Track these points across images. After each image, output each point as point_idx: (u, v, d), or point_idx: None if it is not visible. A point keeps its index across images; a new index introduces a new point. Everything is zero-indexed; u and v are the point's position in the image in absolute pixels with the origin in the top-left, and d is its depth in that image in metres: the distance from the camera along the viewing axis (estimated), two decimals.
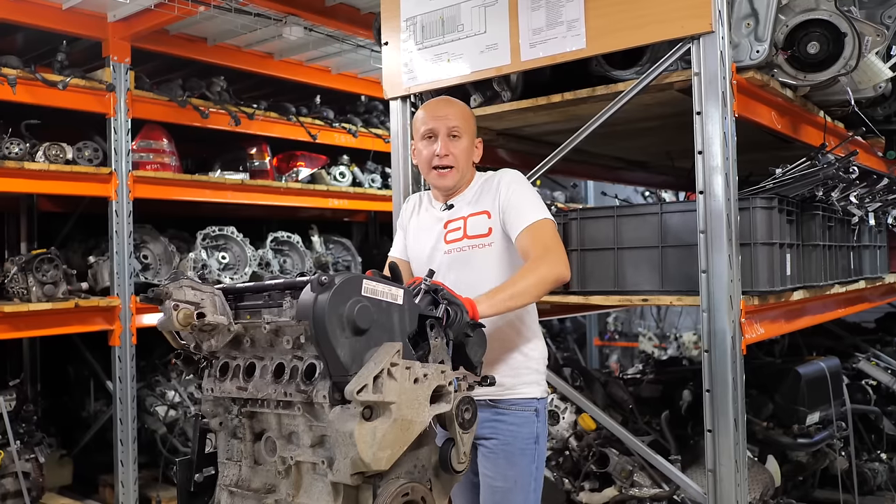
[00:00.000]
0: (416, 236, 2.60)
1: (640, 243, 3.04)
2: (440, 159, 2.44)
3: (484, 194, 2.47)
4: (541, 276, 2.21)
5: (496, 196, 2.41)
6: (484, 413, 2.36)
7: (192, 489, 2.02)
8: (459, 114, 2.50)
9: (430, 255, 2.49)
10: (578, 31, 2.83)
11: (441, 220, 2.52)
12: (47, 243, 4.59)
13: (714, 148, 2.62)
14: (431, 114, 2.49)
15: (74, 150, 4.40)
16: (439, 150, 2.44)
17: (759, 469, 3.40)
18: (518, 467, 2.37)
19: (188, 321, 1.80)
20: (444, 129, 2.45)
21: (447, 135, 2.45)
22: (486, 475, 2.40)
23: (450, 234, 2.47)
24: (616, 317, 8.79)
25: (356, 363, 1.71)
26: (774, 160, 3.39)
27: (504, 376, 2.36)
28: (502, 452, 2.37)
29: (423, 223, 2.60)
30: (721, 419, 2.59)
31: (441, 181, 2.48)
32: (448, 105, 2.53)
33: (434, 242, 2.50)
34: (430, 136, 2.47)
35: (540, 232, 2.32)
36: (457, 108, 2.52)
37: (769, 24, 2.75)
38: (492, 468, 2.39)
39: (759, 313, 2.87)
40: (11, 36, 4.68)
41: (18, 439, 4.27)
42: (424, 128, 2.48)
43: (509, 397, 2.40)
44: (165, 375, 5.18)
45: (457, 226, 2.47)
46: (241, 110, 5.15)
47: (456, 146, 2.45)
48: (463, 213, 2.47)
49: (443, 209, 2.54)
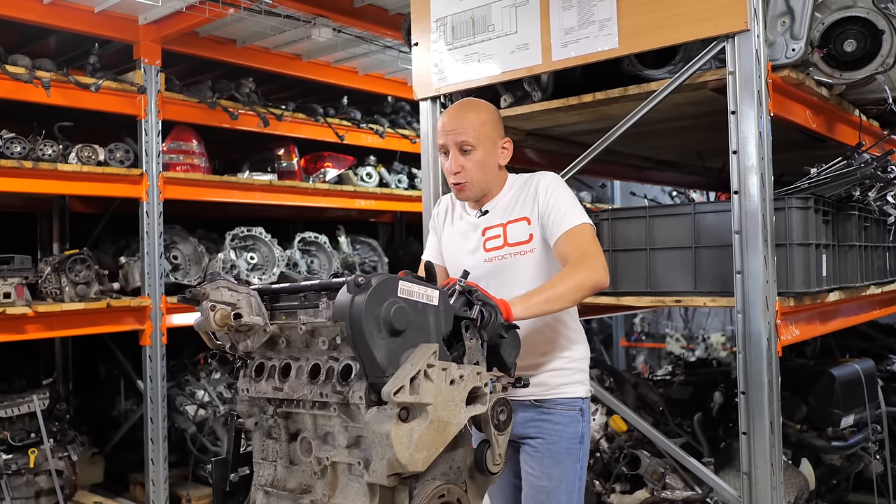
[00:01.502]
0: (452, 242, 2.56)
1: (673, 244, 3.01)
2: (453, 176, 2.41)
3: (521, 200, 2.41)
4: (578, 281, 2.18)
5: (534, 201, 2.37)
6: (528, 413, 2.38)
7: (228, 489, 2.03)
8: (472, 124, 2.38)
9: (469, 263, 2.39)
10: (611, 30, 2.81)
11: (478, 227, 2.47)
12: (79, 244, 4.64)
13: (749, 147, 2.59)
14: (443, 127, 2.42)
15: (106, 151, 4.45)
16: (451, 166, 2.40)
17: (793, 472, 3.36)
18: (563, 466, 2.36)
19: (225, 322, 1.81)
20: (454, 144, 2.39)
21: (458, 150, 2.38)
22: (531, 474, 2.39)
23: (489, 242, 2.43)
24: (643, 317, 8.73)
25: (392, 364, 1.70)
26: (806, 160, 3.35)
27: (549, 376, 2.37)
28: (547, 452, 2.36)
29: (458, 229, 2.55)
30: (756, 422, 2.56)
31: (460, 195, 2.48)
32: (460, 116, 2.41)
33: (473, 250, 2.45)
34: (444, 151, 2.43)
35: (579, 237, 2.27)
36: (470, 116, 2.40)
37: (805, 22, 2.72)
38: (537, 467, 2.38)
39: (794, 314, 2.83)
40: (45, 39, 4.74)
41: (52, 438, 4.33)
42: (439, 142, 2.44)
43: (554, 397, 2.39)
44: (195, 375, 5.23)
45: (496, 233, 2.42)
46: (269, 111, 5.18)
47: (468, 160, 2.38)
48: (501, 220, 2.42)
49: (478, 215, 2.49)
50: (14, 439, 4.21)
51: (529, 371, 2.34)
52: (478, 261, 2.42)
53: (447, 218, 2.62)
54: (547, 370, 2.39)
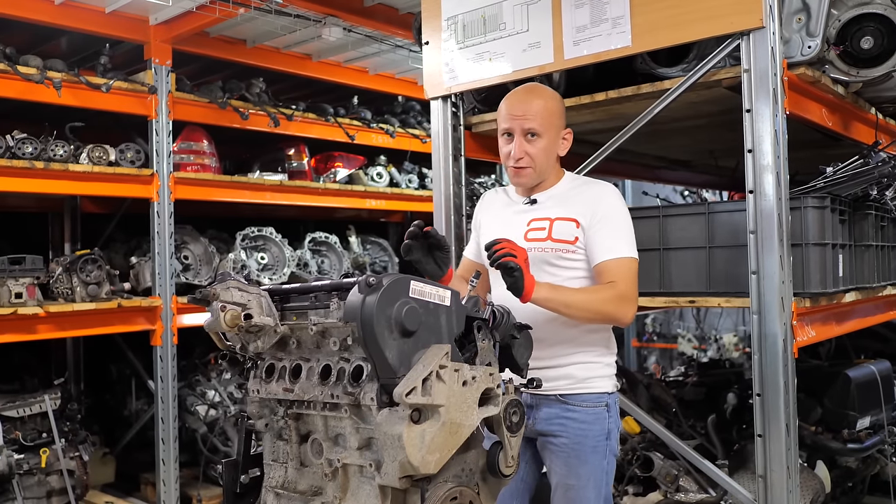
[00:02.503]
0: (491, 231, 2.49)
1: (687, 244, 2.98)
2: (515, 161, 2.39)
3: (576, 200, 2.39)
4: (603, 304, 2.24)
5: (594, 209, 2.34)
6: (553, 409, 2.36)
7: (238, 490, 2.02)
8: (539, 111, 2.38)
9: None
10: (623, 28, 2.78)
11: (524, 214, 2.45)
12: (90, 244, 4.65)
13: (764, 146, 2.56)
14: (510, 111, 2.41)
15: (117, 151, 4.45)
16: (515, 151, 2.38)
17: (808, 475, 3.32)
18: (590, 465, 2.34)
19: (235, 322, 1.80)
20: (520, 129, 2.38)
21: (523, 135, 2.38)
22: (557, 472, 2.37)
23: (532, 233, 2.41)
24: (654, 318, 8.68)
25: (404, 365, 1.68)
26: (820, 158, 3.32)
27: (576, 369, 2.36)
28: (573, 451, 2.33)
29: (503, 217, 2.51)
30: (772, 424, 2.53)
31: (517, 178, 2.45)
32: (528, 101, 2.41)
33: (511, 235, 2.35)
34: (507, 134, 2.42)
35: (626, 268, 2.29)
36: (538, 104, 2.40)
37: (821, 19, 2.68)
38: (562, 466, 2.35)
39: (809, 315, 2.80)
40: (56, 40, 4.74)
41: (63, 437, 4.34)
42: (503, 125, 2.43)
43: (580, 392, 2.36)
44: (206, 375, 5.22)
45: (541, 225, 2.39)
46: (279, 111, 5.17)
47: (533, 146, 2.38)
48: (549, 213, 2.40)
49: (525, 202, 2.47)
50: (26, 439, 4.22)
51: (556, 362, 2.34)
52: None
53: (490, 208, 2.61)
54: (575, 363, 2.37)
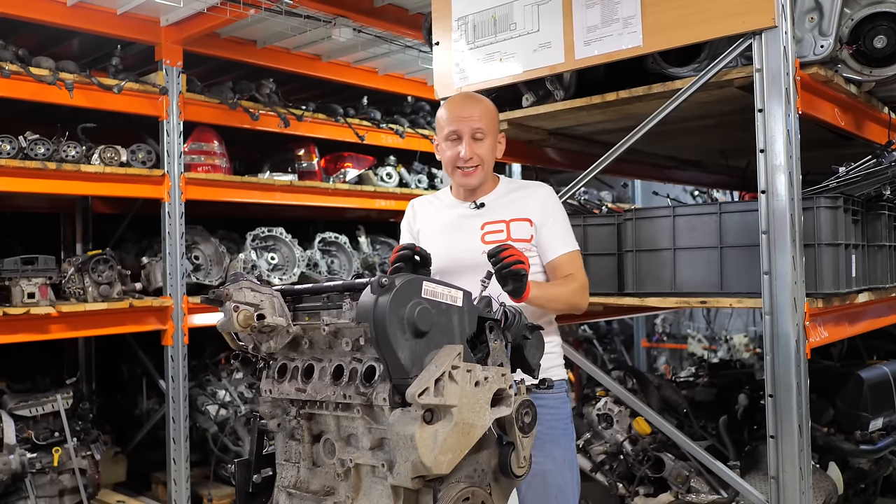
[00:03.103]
0: (436, 236, 2.56)
1: (699, 244, 2.97)
2: (465, 161, 2.47)
3: (524, 201, 2.52)
4: (573, 295, 2.46)
5: (543, 208, 2.50)
6: None
7: (251, 490, 2.02)
8: (483, 113, 2.50)
9: (461, 255, 2.47)
10: (635, 28, 2.78)
11: (473, 218, 2.53)
12: (102, 244, 4.67)
13: (777, 146, 2.55)
14: (455, 114, 2.49)
15: (128, 152, 4.47)
16: (464, 152, 2.46)
17: (821, 476, 3.30)
18: (563, 447, 2.50)
19: (248, 322, 1.80)
20: (468, 130, 2.47)
21: (471, 136, 2.47)
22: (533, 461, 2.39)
23: (490, 235, 2.50)
24: (664, 318, 8.65)
25: (417, 366, 1.69)
26: (832, 158, 3.30)
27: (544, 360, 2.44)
28: (548, 436, 2.42)
29: (445, 221, 2.56)
30: (784, 425, 2.52)
31: (466, 180, 2.51)
32: (472, 105, 2.52)
33: (467, 241, 2.50)
34: (454, 138, 2.49)
35: (579, 261, 2.53)
36: (481, 106, 2.51)
37: (834, 18, 2.67)
38: (537, 454, 2.33)
39: (822, 316, 2.78)
40: (68, 42, 4.77)
41: (75, 437, 4.36)
42: (449, 128, 2.49)
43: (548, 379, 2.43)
44: (216, 375, 5.24)
45: (498, 228, 2.50)
46: (289, 112, 5.18)
47: (480, 147, 2.48)
48: (501, 216, 2.51)
49: (473, 207, 2.55)
50: (38, 438, 4.24)
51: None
52: (474, 252, 2.45)
53: (425, 214, 2.66)
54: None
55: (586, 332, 7.92)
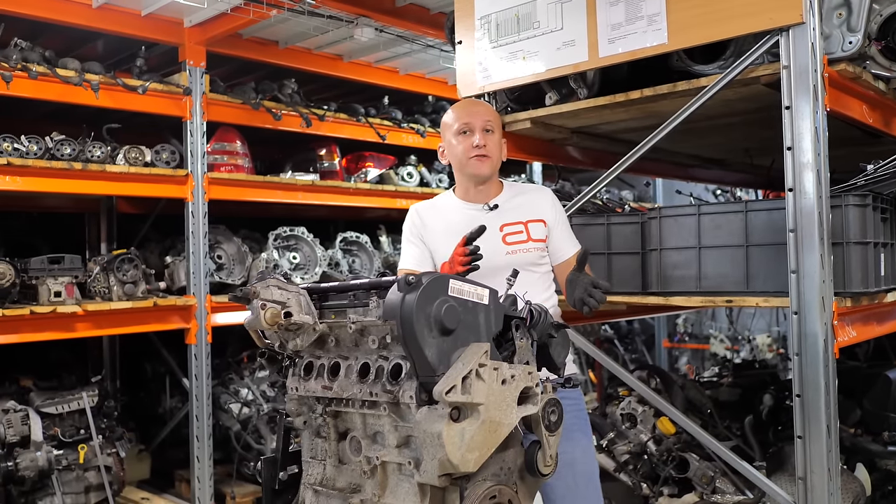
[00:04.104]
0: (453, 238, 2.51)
1: (724, 242, 2.95)
2: (478, 149, 2.56)
3: (534, 202, 2.63)
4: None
5: (553, 209, 2.63)
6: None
7: (277, 487, 2.03)
8: (491, 112, 2.68)
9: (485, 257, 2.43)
10: (659, 25, 2.76)
11: (490, 219, 2.54)
12: (126, 244, 4.72)
13: (805, 143, 2.52)
14: (466, 111, 2.64)
15: (152, 152, 4.51)
16: (478, 141, 2.56)
17: (849, 477, 3.26)
18: (588, 437, 2.60)
19: (275, 320, 1.81)
20: (480, 122, 2.58)
21: (482, 128, 2.57)
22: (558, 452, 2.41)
23: (510, 237, 2.57)
24: (686, 318, 8.60)
25: (443, 364, 1.68)
26: (859, 156, 3.26)
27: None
28: (574, 425, 2.46)
29: (459, 223, 2.54)
30: (812, 426, 2.49)
31: (479, 168, 2.57)
32: (480, 104, 2.78)
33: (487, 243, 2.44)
34: (465, 132, 2.58)
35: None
36: (488, 106, 2.76)
37: (863, 14, 2.64)
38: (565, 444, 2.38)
39: (850, 315, 2.75)
40: (93, 43, 4.82)
41: (100, 434, 4.40)
42: (459, 123, 2.60)
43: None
44: (239, 373, 5.28)
45: (517, 229, 2.58)
46: (311, 112, 5.21)
47: (490, 139, 2.58)
48: (518, 217, 2.59)
49: (486, 209, 2.60)
50: (64, 435, 4.29)
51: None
52: (495, 253, 2.50)
53: (431, 221, 2.67)
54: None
55: (607, 332, 7.89)
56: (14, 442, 4.05)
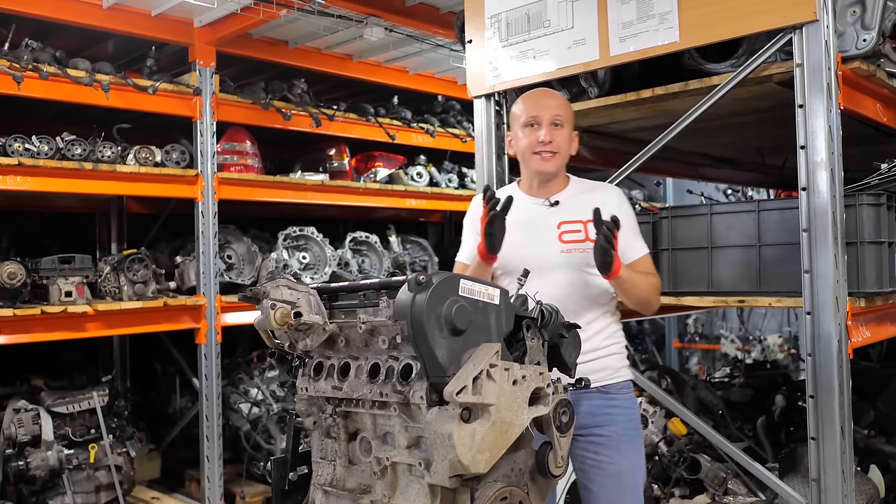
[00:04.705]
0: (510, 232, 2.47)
1: (736, 242, 2.93)
2: (543, 145, 2.49)
3: (595, 202, 2.41)
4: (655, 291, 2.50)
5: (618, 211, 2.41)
6: (595, 401, 2.46)
7: (287, 487, 2.03)
8: (561, 104, 2.57)
9: (539, 253, 2.46)
10: (671, 23, 2.74)
11: (549, 216, 2.53)
12: (136, 244, 4.73)
13: (818, 142, 2.50)
14: (534, 103, 2.55)
15: (163, 152, 4.51)
16: (543, 136, 2.49)
17: (862, 479, 3.23)
18: (638, 448, 2.52)
19: (285, 320, 1.80)
20: (548, 116, 2.50)
21: (550, 123, 2.50)
22: (606, 462, 2.45)
23: (567, 235, 2.50)
24: (696, 318, 8.56)
25: (454, 364, 1.67)
26: (872, 155, 3.22)
27: (613, 360, 2.51)
28: (625, 437, 2.48)
29: (518, 218, 2.49)
30: (826, 427, 2.47)
31: (544, 165, 2.52)
32: (551, 95, 2.63)
33: (543, 240, 2.50)
34: (532, 125, 2.52)
35: (652, 263, 2.56)
36: (559, 98, 2.61)
37: (877, 12, 2.61)
38: (613, 454, 2.44)
39: (864, 315, 2.73)
40: (104, 43, 4.83)
41: (111, 434, 4.42)
42: (526, 115, 2.53)
43: (617, 381, 2.51)
44: (248, 373, 5.28)
45: (576, 228, 2.50)
46: (321, 112, 5.21)
47: (558, 134, 2.51)
48: (578, 216, 2.49)
49: (547, 205, 2.55)
50: (75, 435, 4.30)
51: (595, 354, 2.46)
52: (551, 250, 2.48)
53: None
54: (610, 353, 2.51)
55: None
56: (25, 441, 4.07)
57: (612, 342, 2.54)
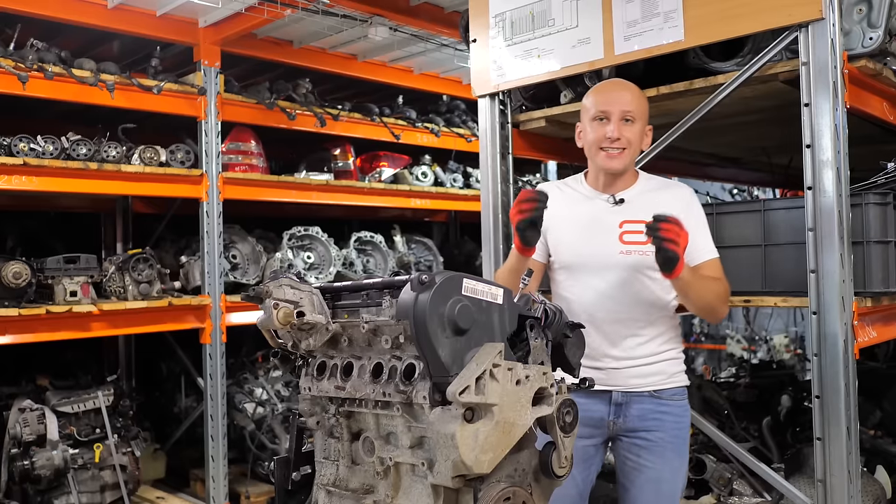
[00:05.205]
0: (570, 228, 2.46)
1: (742, 242, 2.92)
2: (611, 142, 2.39)
3: (665, 201, 2.39)
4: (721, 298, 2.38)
5: (686, 211, 2.38)
6: (646, 405, 2.43)
7: (290, 487, 2.02)
8: (634, 97, 2.44)
9: (597, 253, 2.41)
10: (676, 22, 2.73)
11: (612, 213, 2.43)
12: (141, 244, 4.74)
13: (824, 141, 2.48)
14: (606, 96, 2.44)
15: (167, 152, 4.52)
16: (612, 132, 2.38)
17: (869, 479, 3.22)
18: (682, 457, 2.48)
19: (288, 320, 1.80)
20: (619, 111, 2.39)
21: (620, 118, 2.40)
22: (648, 468, 2.42)
23: (628, 235, 2.40)
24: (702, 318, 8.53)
25: (457, 364, 1.66)
26: (878, 154, 3.21)
27: (667, 364, 2.46)
28: (671, 445, 2.43)
29: (580, 214, 2.45)
30: (832, 427, 2.46)
31: (610, 163, 2.41)
32: (623, 88, 2.47)
33: (604, 239, 2.42)
34: (601, 118, 2.41)
35: (721, 268, 2.45)
36: (632, 91, 2.46)
37: (883, 10, 2.60)
38: (657, 460, 2.42)
39: (870, 315, 2.72)
40: (109, 43, 4.84)
41: (116, 433, 4.42)
42: (596, 109, 2.42)
43: (671, 386, 2.46)
44: (253, 373, 5.29)
45: (639, 229, 2.33)
46: (326, 112, 5.21)
47: (629, 130, 2.40)
48: (642, 215, 2.31)
49: (611, 202, 2.45)
50: (80, 434, 4.30)
51: (651, 359, 2.43)
52: (609, 251, 2.40)
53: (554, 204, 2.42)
54: (666, 359, 2.47)
55: None
56: (30, 441, 4.07)
57: (669, 347, 2.48)
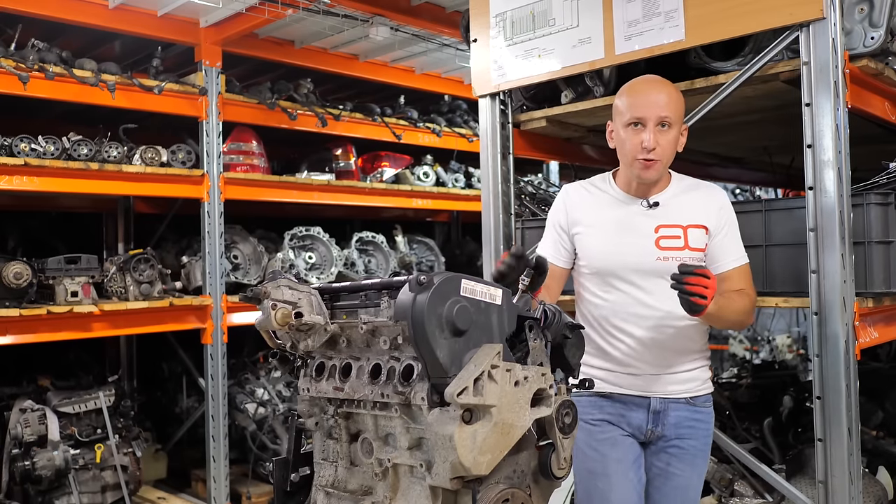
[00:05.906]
0: (603, 233, 2.40)
1: (743, 242, 2.89)
2: (647, 152, 2.26)
3: (698, 204, 2.36)
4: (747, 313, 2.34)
5: (718, 215, 2.35)
6: (682, 412, 2.42)
7: (289, 488, 2.02)
8: (671, 100, 2.30)
9: (634, 259, 2.34)
10: (677, 21, 2.72)
11: (647, 217, 2.36)
12: (143, 244, 4.74)
13: (825, 141, 2.47)
14: (642, 99, 2.29)
15: (169, 152, 4.52)
16: (648, 142, 2.25)
17: (870, 481, 3.21)
18: (707, 461, 2.48)
19: (286, 320, 1.79)
20: (655, 117, 2.26)
21: (657, 124, 2.27)
22: (677, 474, 2.42)
23: (665, 241, 2.34)
24: None
25: (455, 365, 1.66)
26: (880, 154, 3.20)
27: (701, 371, 2.46)
28: (701, 452, 2.43)
29: (613, 218, 2.39)
30: (833, 428, 2.45)
31: (647, 173, 2.31)
32: (661, 89, 2.31)
33: (640, 244, 2.35)
34: (636, 124, 2.28)
35: (749, 275, 2.39)
36: (668, 92, 2.31)
37: (885, 9, 2.58)
38: (686, 467, 2.42)
39: (872, 316, 2.71)
40: (110, 44, 4.84)
41: (117, 434, 4.42)
42: (630, 115, 2.29)
43: (703, 393, 2.46)
44: (254, 373, 5.29)
45: (675, 234, 2.32)
46: (327, 112, 5.21)
47: (664, 137, 2.28)
48: (677, 220, 2.34)
49: (646, 206, 2.37)
50: (81, 435, 4.31)
51: (688, 366, 2.42)
52: (647, 257, 2.34)
53: (586, 210, 2.45)
54: (699, 366, 2.46)
55: None
56: (31, 441, 4.08)
57: (702, 353, 2.48)
